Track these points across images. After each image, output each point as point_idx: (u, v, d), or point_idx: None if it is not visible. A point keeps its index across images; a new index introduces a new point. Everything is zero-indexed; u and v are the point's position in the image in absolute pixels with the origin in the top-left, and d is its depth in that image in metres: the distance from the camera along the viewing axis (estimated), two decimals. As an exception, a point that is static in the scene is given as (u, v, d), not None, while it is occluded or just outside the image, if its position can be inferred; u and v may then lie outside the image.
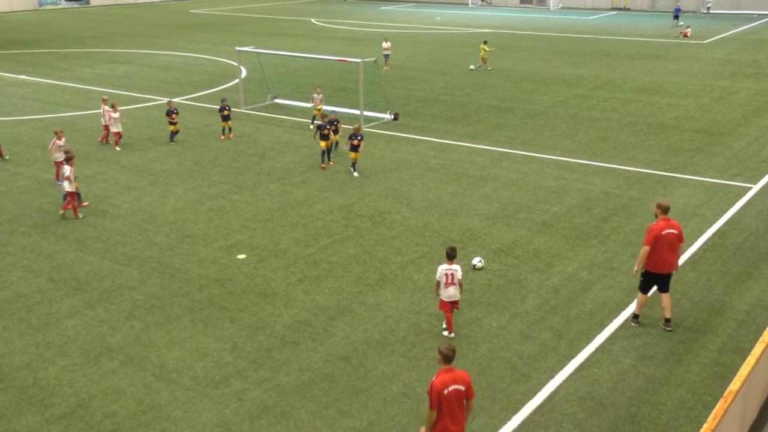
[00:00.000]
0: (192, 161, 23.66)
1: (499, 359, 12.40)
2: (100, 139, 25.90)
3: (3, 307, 14.41)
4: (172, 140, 25.76)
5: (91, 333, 13.39)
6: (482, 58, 39.29)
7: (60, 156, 21.17)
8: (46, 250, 17.02)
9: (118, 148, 24.97)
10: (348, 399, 11.40)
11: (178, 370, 12.18)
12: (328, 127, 22.58)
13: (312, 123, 27.61)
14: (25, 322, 13.80)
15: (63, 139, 21.91)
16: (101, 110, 25.73)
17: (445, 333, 13.12)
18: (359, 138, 21.72)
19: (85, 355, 12.67)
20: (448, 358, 8.76)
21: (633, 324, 13.39)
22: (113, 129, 25.14)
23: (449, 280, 12.73)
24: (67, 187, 18.91)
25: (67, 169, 18.88)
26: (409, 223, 18.29)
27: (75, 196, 19.08)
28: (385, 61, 39.98)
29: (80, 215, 19.06)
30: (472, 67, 39.54)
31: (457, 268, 12.79)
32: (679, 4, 63.60)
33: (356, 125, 22.51)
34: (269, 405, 11.27)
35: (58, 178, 21.39)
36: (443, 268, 12.77)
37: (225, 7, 79.13)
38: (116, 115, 25.09)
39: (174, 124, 25.68)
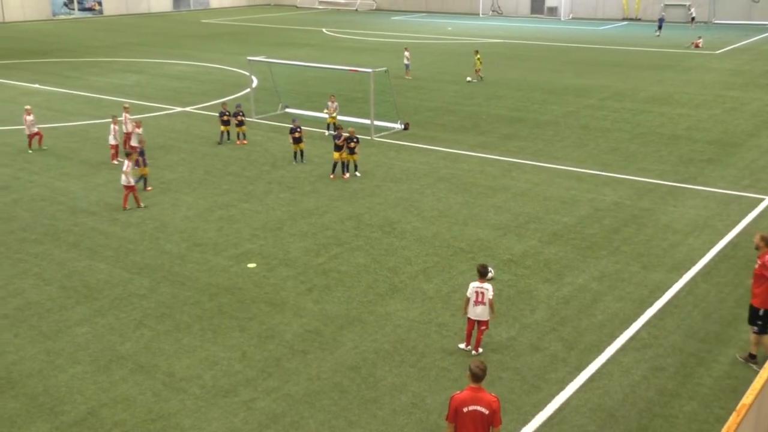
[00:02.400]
0: (202, 170, 23.73)
1: (509, 370, 12.35)
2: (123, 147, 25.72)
3: (15, 314, 14.47)
4: (222, 142, 26.97)
5: (102, 341, 13.43)
6: (476, 69, 39.36)
7: (134, 142, 23.62)
8: (57, 258, 17.09)
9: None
10: (357, 409, 11.37)
11: (187, 379, 12.19)
12: (340, 137, 22.51)
13: (327, 131, 27.67)
14: (37, 330, 13.85)
15: (140, 128, 24.18)
16: (123, 118, 25.65)
17: (461, 346, 13.02)
18: (355, 141, 22.53)
19: (95, 363, 12.70)
20: (476, 376, 8.53)
21: (754, 366, 12.28)
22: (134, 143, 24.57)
23: (479, 299, 12.57)
24: (123, 181, 20.07)
25: (125, 164, 19.97)
26: (419, 233, 18.27)
27: (132, 189, 20.16)
28: (406, 70, 40.58)
29: (142, 204, 20.30)
30: (469, 79, 39.44)
31: (488, 287, 12.62)
32: (663, 14, 63.99)
33: (350, 129, 23.13)
34: (278, 414, 11.26)
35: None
36: (474, 286, 12.65)
37: (236, 17, 79.55)
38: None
39: (226, 124, 26.81)
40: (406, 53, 41.39)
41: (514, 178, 22.59)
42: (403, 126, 28.86)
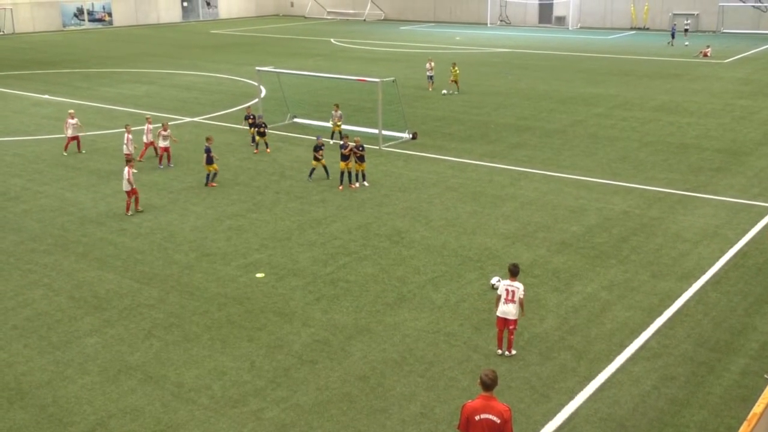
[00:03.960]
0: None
1: (518, 379, 12.31)
2: (139, 157, 25.98)
3: (24, 324, 14.52)
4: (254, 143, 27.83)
5: (111, 351, 13.46)
6: (453, 81, 38.73)
7: (165, 143, 25.16)
8: (66, 269, 17.16)
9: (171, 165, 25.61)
10: (366, 419, 11.35)
11: (196, 389, 12.20)
12: (346, 146, 22.59)
13: (331, 140, 27.78)
14: (46, 340, 13.90)
15: (168, 130, 25.26)
16: (145, 129, 26.05)
17: (499, 352, 13.06)
18: (361, 148, 22.66)
19: (104, 374, 12.72)
20: (485, 385, 8.56)
21: (766, 376, 12.13)
22: (162, 144, 25.38)
23: (509, 297, 12.71)
24: (125, 186, 20.58)
25: (126, 172, 20.38)
26: (427, 243, 18.27)
27: (132, 194, 20.62)
28: (430, 82, 40.06)
29: (140, 209, 20.87)
30: (444, 92, 38.77)
31: (519, 286, 12.76)
32: (674, 23, 64.08)
33: (356, 138, 23.26)
34: (287, 424, 11.24)
35: (161, 162, 25.38)
36: (505, 284, 12.84)
37: (245, 28, 79.92)
38: (167, 132, 25.44)
39: (253, 126, 27.70)
40: (428, 65, 40.44)
41: (523, 187, 22.57)
42: (411, 135, 28.90)
